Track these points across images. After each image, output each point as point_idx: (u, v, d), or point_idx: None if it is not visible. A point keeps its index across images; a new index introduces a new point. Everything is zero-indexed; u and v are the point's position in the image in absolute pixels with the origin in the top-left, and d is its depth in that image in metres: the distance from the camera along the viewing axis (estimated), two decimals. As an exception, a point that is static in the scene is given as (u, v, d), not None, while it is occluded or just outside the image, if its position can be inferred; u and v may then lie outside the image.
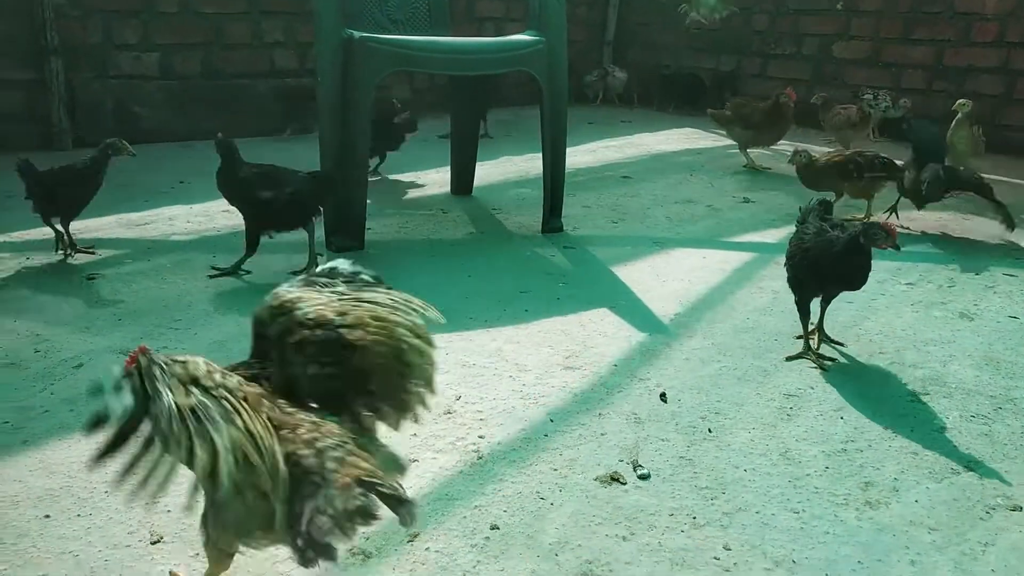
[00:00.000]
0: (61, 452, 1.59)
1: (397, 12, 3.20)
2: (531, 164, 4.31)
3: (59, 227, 2.61)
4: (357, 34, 2.69)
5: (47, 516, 1.41)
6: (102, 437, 1.00)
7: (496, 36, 5.99)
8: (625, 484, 1.57)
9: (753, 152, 4.51)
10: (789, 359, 2.13)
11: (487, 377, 1.99)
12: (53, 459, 1.57)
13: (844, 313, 2.46)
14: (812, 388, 2.00)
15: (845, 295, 2.57)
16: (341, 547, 1.02)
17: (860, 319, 2.43)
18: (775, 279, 2.77)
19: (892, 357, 2.18)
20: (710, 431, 1.78)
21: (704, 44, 6.48)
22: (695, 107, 6.08)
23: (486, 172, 4.00)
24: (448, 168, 3.79)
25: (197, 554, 1.32)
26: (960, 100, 3.77)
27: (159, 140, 4.24)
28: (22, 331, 2.11)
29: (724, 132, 4.58)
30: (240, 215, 2.64)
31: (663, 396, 1.92)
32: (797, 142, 4.23)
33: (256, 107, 4.53)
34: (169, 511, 1.42)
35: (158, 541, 1.35)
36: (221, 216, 3.17)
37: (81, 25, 4.14)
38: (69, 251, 2.64)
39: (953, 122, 3.77)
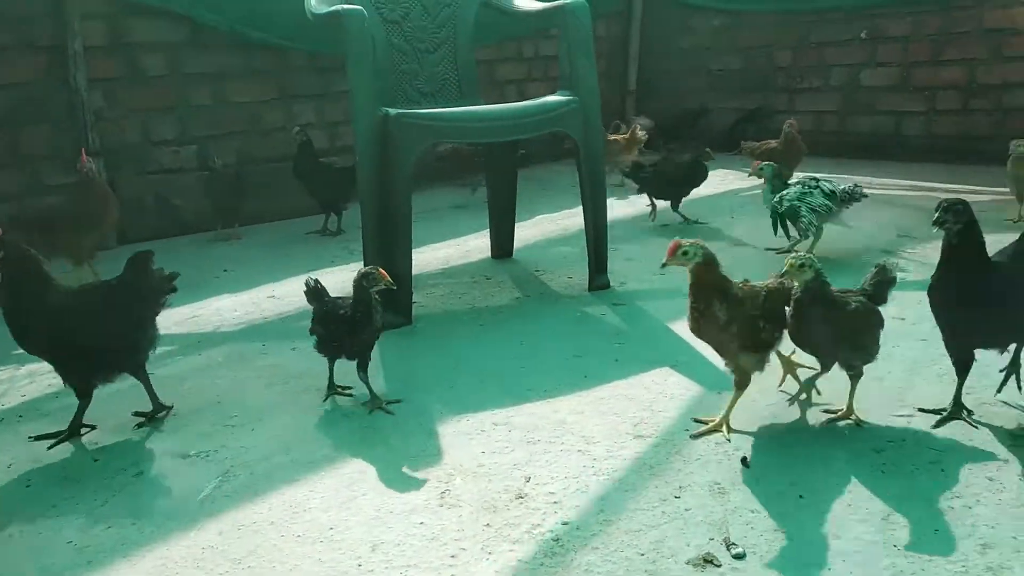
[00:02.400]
0: (126, 570, 1.53)
1: (427, 85, 3.23)
2: (568, 221, 4.27)
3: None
4: (393, 111, 2.70)
5: (116, 644, 1.34)
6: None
7: (518, 97, 6.07)
8: (720, 566, 1.46)
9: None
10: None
11: (555, 453, 1.90)
12: (119, 579, 1.51)
13: (924, 352, 2.34)
14: (903, 440, 1.87)
15: (917, 332, 2.43)
16: None
17: (940, 357, 2.30)
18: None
19: (982, 397, 2.05)
20: (801, 497, 1.66)
21: (728, 85, 6.47)
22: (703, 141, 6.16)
23: (524, 233, 3.97)
24: (487, 233, 3.76)
25: None
26: (1015, 140, 3.69)
27: (200, 230, 4.30)
28: (79, 440, 2.08)
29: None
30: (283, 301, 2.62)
31: (744, 461, 1.81)
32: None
33: (291, 189, 4.56)
34: (242, 631, 1.35)
35: (233, 666, 1.27)
36: (268, 303, 3.17)
37: (120, 126, 4.25)
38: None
39: (1011, 159, 3.68)
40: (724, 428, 1.94)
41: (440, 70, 3.30)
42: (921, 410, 2.00)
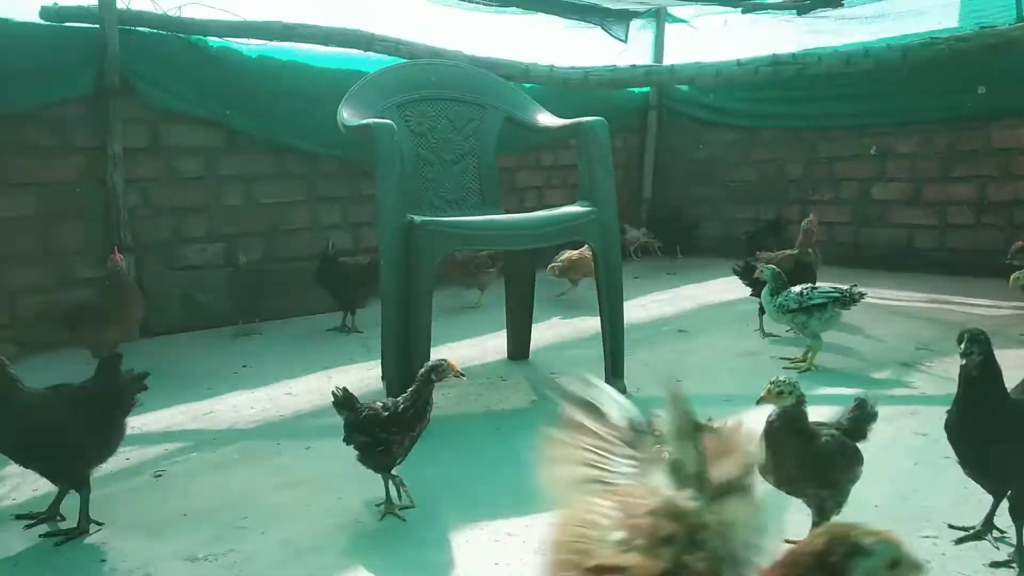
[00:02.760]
0: None
1: (451, 193, 3.36)
2: (583, 324, 4.30)
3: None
4: (418, 218, 2.79)
5: None
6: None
7: (538, 204, 6.25)
8: None
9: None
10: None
11: (571, 567, 1.85)
12: None
13: (949, 470, 2.29)
14: (929, 563, 1.81)
15: (940, 450, 2.39)
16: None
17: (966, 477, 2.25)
18: (860, 436, 2.62)
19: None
20: (826, 623, 1.60)
21: (742, 196, 6.64)
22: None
23: (539, 335, 4.00)
24: (504, 333, 3.80)
25: None
26: (1014, 275, 3.73)
27: (222, 324, 4.36)
28: (89, 539, 2.06)
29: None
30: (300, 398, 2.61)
31: (765, 580, 1.75)
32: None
33: (313, 286, 4.65)
34: None
35: None
36: (285, 399, 3.18)
37: (153, 223, 4.41)
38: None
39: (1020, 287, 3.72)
40: None
41: (464, 179, 3.43)
42: (951, 527, 1.94)
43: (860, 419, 1.90)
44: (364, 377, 3.43)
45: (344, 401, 2.18)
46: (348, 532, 2.07)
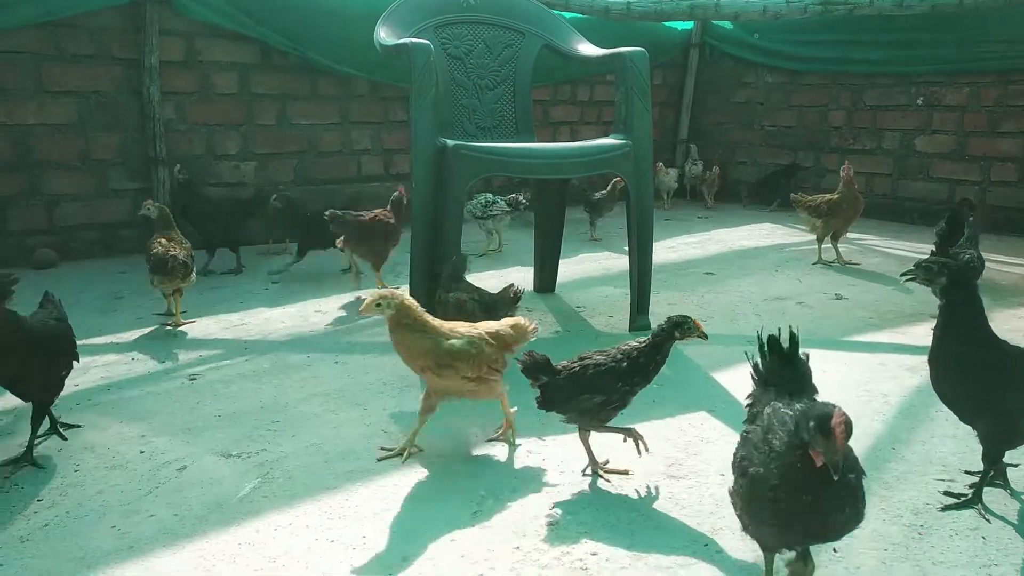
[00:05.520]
0: (166, 558, 1.58)
1: (485, 120, 3.32)
2: (611, 262, 4.31)
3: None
4: (451, 142, 2.78)
5: (152, 628, 1.38)
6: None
7: (571, 138, 6.18)
8: (749, 610, 1.45)
9: (841, 247, 4.40)
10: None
11: (588, 485, 1.91)
12: (158, 566, 1.56)
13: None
14: (942, 503, 1.84)
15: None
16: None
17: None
18: (881, 381, 2.63)
19: (1027, 469, 2.01)
20: (835, 551, 1.65)
21: (780, 141, 6.50)
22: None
23: (567, 270, 4.01)
24: (531, 267, 3.81)
25: (303, 677, 1.26)
26: None
27: (251, 243, 4.41)
28: (128, 433, 2.15)
29: (806, 226, 4.51)
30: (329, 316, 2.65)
31: (779, 510, 1.79)
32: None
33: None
34: (273, 627, 1.38)
35: (263, 660, 1.30)
36: (315, 316, 3.25)
37: (187, 138, 4.44)
38: None
39: None
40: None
41: (498, 107, 3.39)
42: (967, 472, 1.97)
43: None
44: (391, 300, 3.49)
45: (540, 364, 1.93)
46: (374, 441, 2.14)
